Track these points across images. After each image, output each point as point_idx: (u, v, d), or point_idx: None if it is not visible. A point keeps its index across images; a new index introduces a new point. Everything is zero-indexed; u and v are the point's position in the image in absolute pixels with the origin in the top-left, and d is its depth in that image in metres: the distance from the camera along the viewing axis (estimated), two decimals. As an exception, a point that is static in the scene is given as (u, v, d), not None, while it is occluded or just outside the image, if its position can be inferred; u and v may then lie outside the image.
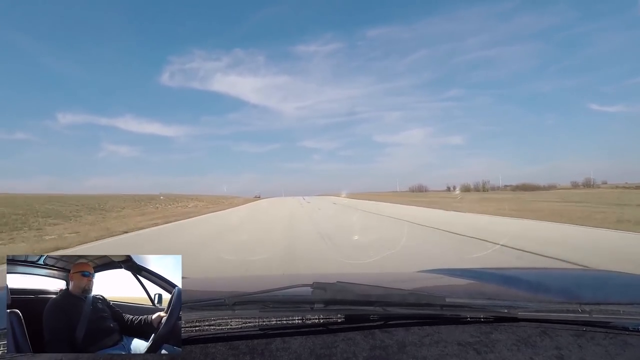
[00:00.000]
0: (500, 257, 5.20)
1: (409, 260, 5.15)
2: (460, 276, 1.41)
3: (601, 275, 1.48)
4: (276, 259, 5.38)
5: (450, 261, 4.99)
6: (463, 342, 0.71)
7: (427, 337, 0.72)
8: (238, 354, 0.66)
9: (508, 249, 5.78)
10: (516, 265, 4.64)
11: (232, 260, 5.51)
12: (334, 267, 4.91)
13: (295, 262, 5.22)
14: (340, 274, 1.05)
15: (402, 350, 0.68)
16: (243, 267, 4.83)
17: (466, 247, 6.31)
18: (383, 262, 4.90)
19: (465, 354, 0.67)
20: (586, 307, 0.78)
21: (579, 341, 0.72)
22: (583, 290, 1.21)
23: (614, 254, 5.45)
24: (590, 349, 0.69)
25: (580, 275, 1.52)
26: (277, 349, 0.68)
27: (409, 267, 4.66)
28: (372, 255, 5.39)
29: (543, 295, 1.06)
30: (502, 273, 1.46)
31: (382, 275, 2.07)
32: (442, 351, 0.68)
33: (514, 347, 0.70)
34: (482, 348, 0.69)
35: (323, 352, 0.67)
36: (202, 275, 3.96)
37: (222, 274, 4.59)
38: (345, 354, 0.66)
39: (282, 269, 4.71)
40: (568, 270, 1.68)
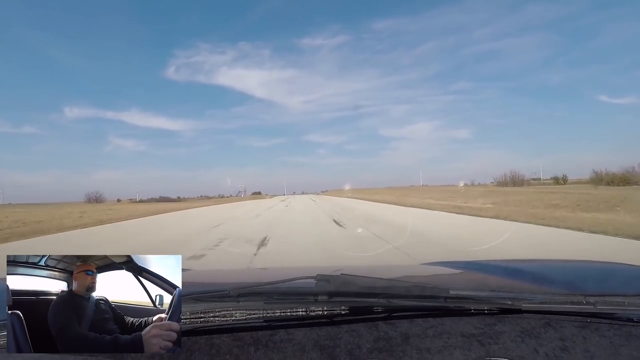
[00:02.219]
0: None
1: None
2: (463, 268, 1.41)
3: (606, 267, 1.47)
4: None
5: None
6: (467, 334, 0.71)
7: (430, 328, 0.73)
8: (242, 345, 0.67)
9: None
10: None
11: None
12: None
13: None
14: (343, 266, 1.06)
15: (406, 341, 0.68)
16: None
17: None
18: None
19: (469, 345, 0.67)
20: (591, 298, 0.78)
21: (583, 332, 0.72)
22: (587, 281, 1.20)
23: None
24: (594, 340, 0.69)
25: (584, 267, 1.51)
26: (281, 340, 0.68)
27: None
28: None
29: (547, 287, 1.06)
30: (505, 265, 1.46)
31: (386, 268, 2.07)
32: (446, 343, 0.68)
33: (518, 338, 0.70)
34: (486, 339, 0.69)
35: (327, 344, 0.67)
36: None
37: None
38: (349, 346, 0.67)
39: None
40: (572, 262, 1.68)
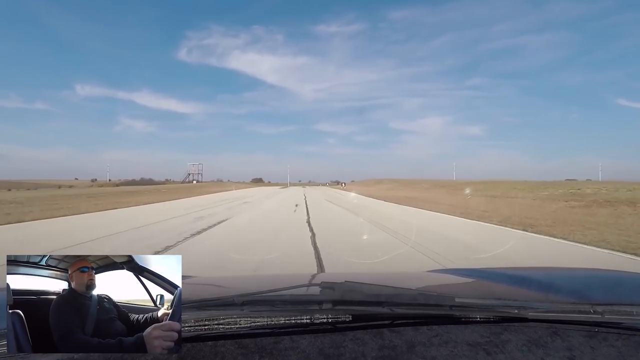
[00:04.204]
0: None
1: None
2: (469, 276, 1.40)
3: (613, 275, 1.45)
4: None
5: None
6: (473, 343, 0.70)
7: (436, 337, 0.72)
8: (247, 352, 0.67)
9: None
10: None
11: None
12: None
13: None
14: (348, 274, 1.06)
15: (411, 350, 0.68)
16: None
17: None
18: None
19: (475, 354, 0.67)
20: (598, 307, 0.77)
21: (591, 342, 0.71)
22: (595, 290, 1.19)
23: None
24: (602, 350, 0.68)
25: (591, 275, 1.50)
26: (285, 348, 0.68)
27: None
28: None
29: (554, 296, 1.05)
30: (511, 273, 1.45)
31: (391, 275, 2.06)
32: (452, 351, 0.67)
33: (524, 347, 0.69)
34: (492, 348, 0.68)
35: (331, 352, 0.67)
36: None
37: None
38: (353, 354, 0.66)
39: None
40: (579, 271, 1.66)
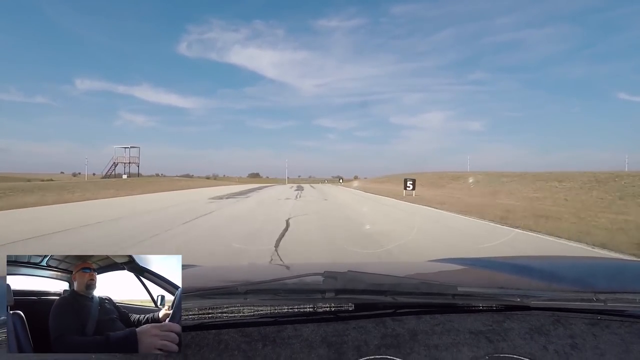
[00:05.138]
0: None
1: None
2: (471, 265, 1.40)
3: (616, 264, 1.46)
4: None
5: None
6: (475, 331, 0.71)
7: (438, 325, 0.73)
8: (250, 340, 0.67)
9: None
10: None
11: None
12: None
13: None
14: (351, 263, 1.06)
15: (414, 338, 0.68)
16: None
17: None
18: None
19: (477, 342, 0.67)
20: (601, 295, 0.77)
21: (593, 330, 0.71)
22: (597, 278, 1.19)
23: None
24: (605, 338, 0.69)
25: (594, 264, 1.50)
26: (288, 336, 0.69)
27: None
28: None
29: (556, 284, 1.05)
30: (514, 262, 1.45)
31: (393, 265, 2.07)
32: (454, 339, 0.68)
33: (527, 335, 0.69)
34: (494, 336, 0.69)
35: (334, 340, 0.67)
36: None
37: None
38: (356, 342, 0.67)
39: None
40: (581, 259, 1.66)
